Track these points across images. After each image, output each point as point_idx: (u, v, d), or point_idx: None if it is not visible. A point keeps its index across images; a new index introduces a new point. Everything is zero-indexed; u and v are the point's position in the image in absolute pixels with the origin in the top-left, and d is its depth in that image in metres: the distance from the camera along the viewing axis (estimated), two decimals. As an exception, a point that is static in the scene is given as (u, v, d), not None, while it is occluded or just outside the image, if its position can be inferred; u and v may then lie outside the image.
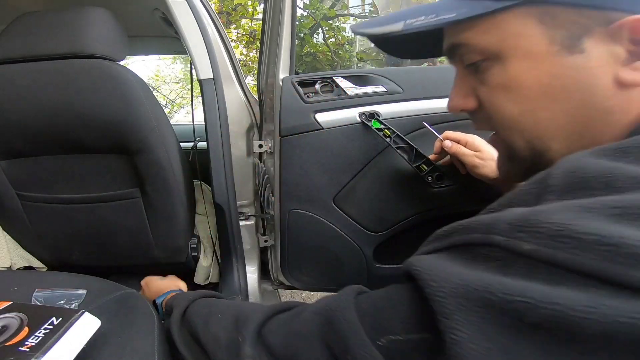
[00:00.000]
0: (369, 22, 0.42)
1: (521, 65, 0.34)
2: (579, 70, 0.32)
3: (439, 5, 0.36)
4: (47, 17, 0.79)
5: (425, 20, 0.36)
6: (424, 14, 0.36)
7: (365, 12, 3.10)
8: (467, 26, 0.35)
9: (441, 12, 0.35)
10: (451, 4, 0.35)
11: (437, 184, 0.81)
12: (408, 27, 0.36)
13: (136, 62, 5.05)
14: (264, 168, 1.02)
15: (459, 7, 0.34)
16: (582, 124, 0.33)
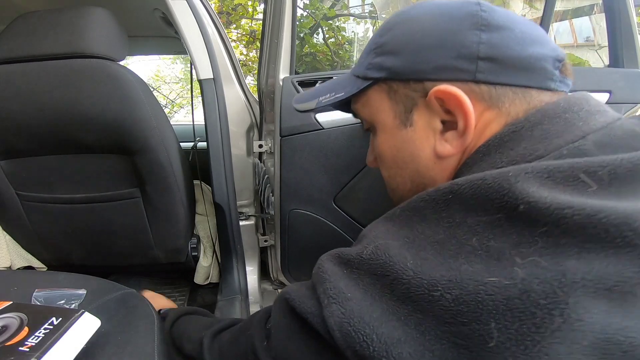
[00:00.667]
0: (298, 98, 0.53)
1: (381, 137, 0.42)
2: (410, 143, 0.39)
3: (338, 84, 0.46)
4: (47, 17, 0.79)
5: (329, 97, 0.46)
6: (329, 92, 0.46)
7: (365, 12, 3.10)
8: (353, 100, 0.45)
9: (337, 91, 0.45)
10: (347, 81, 0.44)
11: (437, 184, 0.81)
12: (318, 105, 0.48)
13: (136, 62, 5.05)
14: (264, 168, 1.02)
15: (347, 86, 0.43)
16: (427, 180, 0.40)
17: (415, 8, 0.40)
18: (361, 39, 3.04)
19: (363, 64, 0.42)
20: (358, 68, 0.44)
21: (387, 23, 0.41)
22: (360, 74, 0.42)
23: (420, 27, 0.38)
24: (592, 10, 1.99)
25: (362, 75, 0.42)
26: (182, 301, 1.21)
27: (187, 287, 1.27)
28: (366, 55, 0.42)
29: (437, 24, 0.37)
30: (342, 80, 0.47)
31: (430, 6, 0.39)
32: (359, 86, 0.42)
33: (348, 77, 0.45)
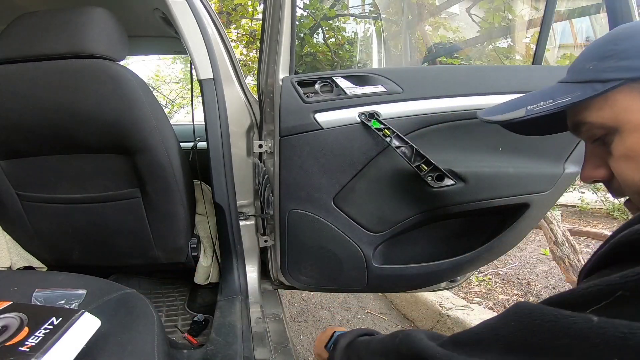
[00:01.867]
0: (494, 109, 0.50)
1: (635, 137, 0.38)
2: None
3: (554, 91, 0.42)
4: (47, 17, 0.79)
5: (544, 105, 0.42)
6: (542, 99, 0.43)
7: (366, 12, 3.10)
8: (583, 107, 0.41)
9: (557, 97, 0.41)
10: (565, 88, 0.41)
11: (437, 184, 0.81)
12: (530, 113, 0.43)
13: (136, 62, 5.05)
14: (264, 168, 1.02)
15: (573, 91, 0.40)
16: None
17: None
18: (362, 41, 3.04)
19: (592, 70, 0.40)
20: (580, 75, 0.41)
21: (618, 34, 0.40)
22: (594, 78, 0.39)
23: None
24: (599, 10, 1.98)
25: (599, 79, 0.39)
26: (182, 301, 1.21)
27: (187, 287, 1.27)
28: (595, 62, 0.40)
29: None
30: (554, 89, 0.43)
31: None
32: (596, 89, 0.39)
33: (564, 86, 0.42)
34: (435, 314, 1.59)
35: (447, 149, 0.84)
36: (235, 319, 0.93)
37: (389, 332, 0.51)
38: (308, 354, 1.48)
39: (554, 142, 0.86)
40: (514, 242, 0.97)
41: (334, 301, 1.87)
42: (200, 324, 1.05)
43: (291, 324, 1.68)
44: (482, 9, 2.59)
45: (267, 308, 1.05)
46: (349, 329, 0.68)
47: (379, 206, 0.88)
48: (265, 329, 0.93)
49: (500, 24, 2.39)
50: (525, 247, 2.48)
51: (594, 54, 0.41)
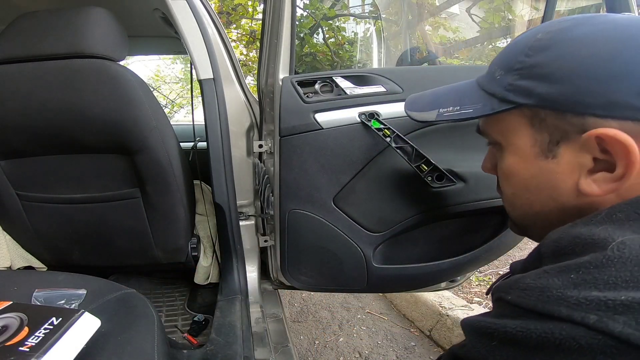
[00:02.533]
0: (416, 102, 0.54)
1: (513, 159, 0.40)
2: (548, 174, 0.36)
3: (464, 96, 0.44)
4: (47, 17, 0.79)
5: (452, 112, 0.45)
6: (452, 104, 0.45)
7: (366, 12, 3.10)
8: (483, 118, 0.43)
9: (464, 105, 0.43)
10: (473, 96, 0.42)
11: (437, 184, 0.81)
12: (439, 117, 0.47)
13: (136, 62, 5.06)
14: (264, 168, 1.02)
15: (477, 102, 0.41)
16: (555, 214, 0.38)
17: (580, 25, 0.34)
18: (362, 41, 3.03)
19: (498, 82, 0.39)
20: (491, 84, 0.40)
21: (538, 41, 0.36)
22: (496, 94, 0.39)
23: (592, 51, 0.32)
24: (599, 10, 1.99)
25: (499, 96, 0.38)
26: (182, 301, 1.21)
27: (187, 287, 1.27)
28: (503, 72, 0.38)
29: (617, 50, 0.31)
30: (466, 91, 0.44)
31: (603, 24, 0.33)
32: (494, 108, 0.39)
33: (475, 90, 0.42)
34: (435, 314, 1.59)
35: (447, 149, 0.84)
36: (235, 319, 0.93)
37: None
38: (308, 354, 1.48)
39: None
40: (514, 242, 0.97)
41: (334, 301, 1.87)
42: (200, 324, 1.05)
43: (291, 324, 1.68)
44: (482, 9, 2.59)
45: (267, 308, 1.05)
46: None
47: (379, 206, 0.88)
48: (265, 329, 0.93)
49: (500, 24, 2.39)
50: (525, 247, 2.47)
51: (504, 60, 0.39)
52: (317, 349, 1.51)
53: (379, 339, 1.56)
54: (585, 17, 0.35)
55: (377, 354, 1.47)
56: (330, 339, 1.57)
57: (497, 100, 0.38)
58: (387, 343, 1.53)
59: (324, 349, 1.51)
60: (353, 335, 1.59)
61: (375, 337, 1.57)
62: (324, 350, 1.50)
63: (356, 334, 1.61)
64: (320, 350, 1.50)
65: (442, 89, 0.51)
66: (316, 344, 1.54)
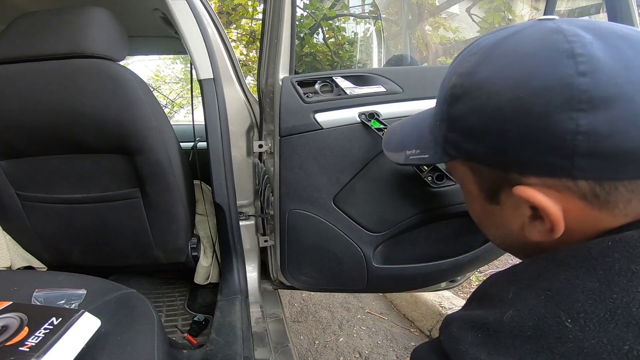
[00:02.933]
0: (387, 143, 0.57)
1: (468, 199, 0.42)
2: (498, 217, 0.37)
3: (421, 139, 0.44)
4: (47, 17, 0.79)
5: (415, 155, 0.45)
6: (415, 146, 0.46)
7: (366, 12, 3.10)
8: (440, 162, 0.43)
9: (422, 150, 0.44)
10: (427, 141, 0.42)
11: (437, 184, 0.81)
12: (407, 161, 0.48)
13: (136, 62, 5.05)
14: (264, 168, 1.02)
15: (430, 148, 0.41)
16: (516, 245, 0.39)
17: (486, 63, 0.32)
18: (362, 41, 3.04)
19: (439, 130, 0.38)
20: (435, 131, 0.39)
21: (453, 88, 0.35)
22: (439, 143, 0.39)
23: (497, 104, 0.30)
24: (598, 10, 1.99)
25: (440, 146, 0.38)
26: (182, 301, 1.21)
27: (187, 287, 1.28)
28: (439, 120, 0.38)
29: (518, 102, 0.29)
30: (424, 133, 0.44)
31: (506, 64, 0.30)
32: (441, 158, 0.39)
33: (429, 133, 0.42)
34: (435, 314, 1.59)
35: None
36: (235, 319, 0.93)
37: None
38: (308, 354, 1.48)
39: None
40: (514, 242, 0.97)
41: (334, 301, 1.87)
42: (200, 324, 1.05)
43: (291, 324, 1.68)
44: (482, 9, 2.59)
45: (267, 308, 1.05)
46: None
47: (379, 206, 0.88)
48: (265, 329, 0.93)
49: (500, 24, 2.39)
50: (525, 247, 2.47)
51: (438, 104, 0.40)
52: (317, 349, 1.51)
53: (379, 339, 1.56)
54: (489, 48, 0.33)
55: (377, 354, 1.47)
56: (330, 339, 1.57)
57: (441, 149, 0.39)
58: (387, 343, 1.53)
59: (324, 349, 1.51)
60: (353, 335, 1.59)
61: (375, 337, 1.57)
62: (324, 350, 1.50)
63: (356, 334, 1.61)
64: (320, 350, 1.50)
65: (408, 125, 0.51)
66: (316, 344, 1.54)
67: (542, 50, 0.29)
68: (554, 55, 0.28)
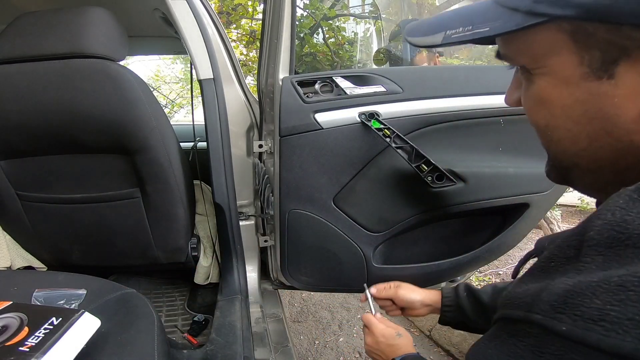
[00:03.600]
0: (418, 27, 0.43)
1: (548, 83, 0.32)
2: (604, 99, 0.29)
3: (477, 14, 0.35)
4: (47, 17, 0.79)
5: (462, 32, 0.36)
6: (462, 24, 0.36)
7: (366, 12, 3.10)
8: (503, 39, 0.35)
9: (477, 24, 0.34)
10: (489, 12, 0.34)
11: (437, 184, 0.81)
12: (446, 40, 0.37)
13: (136, 62, 5.05)
14: (264, 168, 1.02)
15: (495, 19, 0.33)
16: (608, 152, 0.31)
17: None
18: (362, 41, 3.04)
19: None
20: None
21: None
22: (519, 7, 0.31)
23: None
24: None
25: (524, 9, 0.30)
26: (182, 301, 1.21)
27: (187, 287, 1.28)
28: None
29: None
30: (480, 10, 0.36)
31: None
32: (518, 23, 0.31)
33: (491, 8, 0.34)
34: (435, 314, 1.59)
35: (447, 149, 0.84)
36: (235, 319, 0.93)
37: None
38: (308, 354, 1.48)
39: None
40: (514, 242, 0.97)
41: (334, 301, 1.87)
42: (200, 324, 1.05)
43: (291, 324, 1.68)
44: (482, 9, 2.59)
45: (267, 308, 1.05)
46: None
47: (379, 206, 0.88)
48: (265, 329, 0.93)
49: (500, 24, 2.39)
50: (525, 247, 2.47)
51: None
52: (317, 349, 1.51)
53: (379, 339, 1.56)
54: None
55: (377, 354, 1.47)
56: (330, 339, 1.57)
57: (523, 14, 0.31)
58: (387, 343, 1.53)
59: (324, 349, 1.51)
60: (353, 335, 1.59)
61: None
62: (324, 350, 1.50)
63: (356, 334, 1.61)
64: (320, 350, 1.50)
65: (449, 11, 0.41)
66: (316, 344, 1.54)
67: None
68: None
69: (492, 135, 0.85)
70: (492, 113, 0.84)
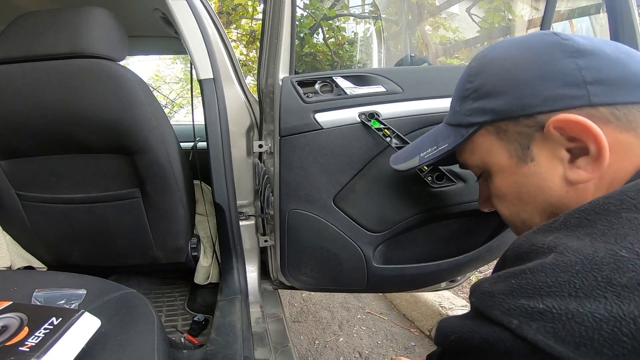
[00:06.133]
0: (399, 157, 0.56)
1: (498, 178, 0.41)
2: (535, 177, 0.37)
3: (438, 135, 0.46)
4: (47, 17, 0.79)
5: (431, 152, 0.47)
6: (430, 145, 0.47)
7: (366, 12, 3.10)
8: (459, 151, 0.44)
9: (439, 143, 0.45)
10: (445, 132, 0.45)
11: (437, 184, 0.81)
12: (422, 161, 0.48)
13: (136, 62, 5.04)
14: (264, 168, 1.02)
15: (449, 136, 0.44)
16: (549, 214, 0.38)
17: (494, 49, 0.41)
18: (362, 41, 3.04)
19: (459, 112, 0.43)
20: (453, 117, 0.44)
21: (471, 69, 0.42)
22: (460, 122, 0.42)
23: (512, 63, 0.38)
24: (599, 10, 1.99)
25: (463, 123, 0.42)
26: (182, 301, 1.21)
27: (187, 287, 1.28)
28: (459, 103, 0.43)
29: (528, 58, 0.37)
30: (437, 132, 0.47)
31: (510, 44, 0.40)
32: (463, 134, 0.42)
33: (444, 129, 0.46)
34: (435, 314, 1.59)
35: (447, 149, 0.84)
36: (235, 319, 0.93)
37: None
38: (308, 354, 1.48)
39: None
40: (514, 242, 0.97)
41: (334, 301, 1.87)
42: (200, 324, 1.05)
43: (291, 324, 1.68)
44: (482, 9, 2.59)
45: (267, 308, 1.05)
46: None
47: (379, 206, 0.88)
48: (265, 329, 0.93)
49: (500, 24, 2.39)
50: (525, 247, 2.48)
51: (457, 92, 0.44)
52: (317, 349, 1.51)
53: (379, 339, 1.56)
54: (493, 44, 0.42)
55: (377, 354, 1.47)
56: (330, 339, 1.57)
57: (464, 128, 0.42)
58: (387, 343, 1.53)
59: (324, 349, 1.51)
60: (353, 335, 1.59)
61: (375, 337, 1.57)
62: (324, 350, 1.50)
63: (356, 334, 1.61)
64: (320, 350, 1.50)
65: (419, 139, 0.54)
66: (316, 344, 1.54)
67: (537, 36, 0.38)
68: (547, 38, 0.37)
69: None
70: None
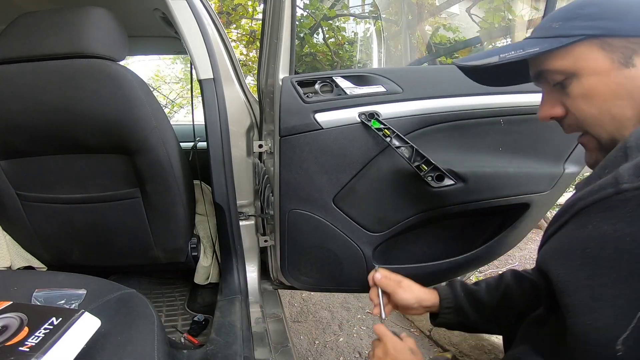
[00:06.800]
0: (469, 59, 0.57)
1: (593, 79, 0.46)
2: (635, 79, 0.44)
3: (524, 44, 0.50)
4: (47, 17, 0.79)
5: (515, 53, 0.49)
6: (514, 49, 0.50)
7: (366, 12, 3.10)
8: (548, 56, 0.48)
9: (527, 48, 0.48)
10: (533, 42, 0.49)
11: (437, 184, 0.81)
12: (502, 59, 0.50)
13: (136, 62, 5.05)
14: (264, 168, 1.02)
15: (541, 44, 0.48)
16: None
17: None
18: (362, 40, 3.04)
19: (561, 28, 0.47)
20: (548, 32, 0.48)
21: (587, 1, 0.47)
22: (560, 34, 0.46)
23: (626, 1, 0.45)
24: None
25: (565, 34, 0.46)
26: (182, 301, 1.21)
27: (187, 287, 1.28)
28: (562, 22, 0.47)
29: None
30: (523, 43, 0.50)
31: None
32: (562, 42, 0.46)
33: (530, 41, 0.49)
34: (435, 314, 1.59)
35: (447, 149, 0.84)
36: (235, 319, 0.93)
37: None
38: (308, 354, 1.48)
39: (553, 142, 0.86)
40: (514, 242, 0.97)
41: (334, 301, 1.87)
42: (200, 324, 1.05)
43: (291, 324, 1.68)
44: (482, 9, 2.59)
45: (267, 308, 1.05)
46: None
47: (379, 206, 0.88)
48: (265, 329, 0.93)
49: (500, 24, 2.39)
50: (525, 247, 2.47)
51: (560, 15, 0.49)
52: (317, 349, 1.51)
53: (379, 339, 1.56)
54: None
55: (377, 354, 1.47)
56: (330, 339, 1.57)
57: (565, 37, 0.46)
58: (387, 343, 1.53)
59: (324, 349, 1.51)
60: (353, 335, 1.59)
61: (375, 337, 1.57)
62: (324, 350, 1.50)
63: (356, 334, 1.61)
64: (320, 350, 1.50)
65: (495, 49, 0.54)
66: (316, 344, 1.54)
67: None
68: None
69: (492, 135, 0.85)
70: (492, 113, 0.84)
